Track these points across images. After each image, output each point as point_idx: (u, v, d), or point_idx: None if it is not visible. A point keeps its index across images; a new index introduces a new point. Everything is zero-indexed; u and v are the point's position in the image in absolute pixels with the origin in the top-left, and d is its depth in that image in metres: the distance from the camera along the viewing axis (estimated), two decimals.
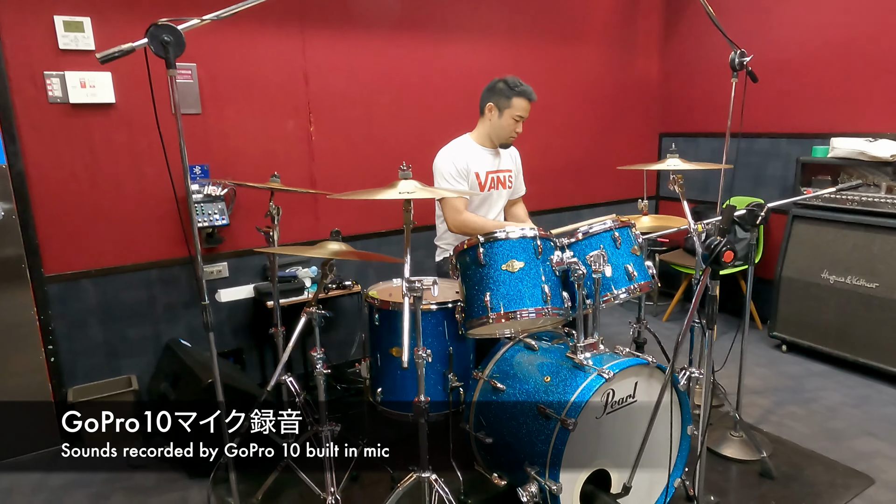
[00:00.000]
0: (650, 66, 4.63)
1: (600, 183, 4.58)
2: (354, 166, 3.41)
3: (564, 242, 2.16)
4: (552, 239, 2.10)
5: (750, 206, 2.44)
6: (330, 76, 3.27)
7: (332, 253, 1.99)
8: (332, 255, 1.98)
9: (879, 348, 3.25)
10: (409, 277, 1.77)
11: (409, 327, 1.70)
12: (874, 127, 3.49)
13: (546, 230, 2.15)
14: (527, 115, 2.74)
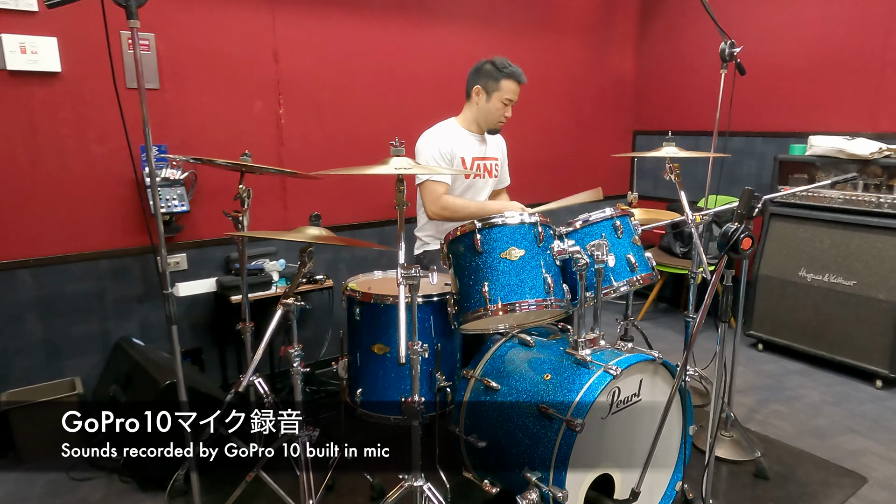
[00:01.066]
0: (625, 62, 4.58)
1: (576, 179, 4.49)
2: (327, 152, 3.20)
3: (563, 231, 2.03)
4: (552, 226, 1.96)
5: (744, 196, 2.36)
6: (301, 55, 3.05)
7: (313, 238, 1.79)
8: (313, 240, 1.78)
9: (856, 346, 3.25)
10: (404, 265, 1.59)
11: (405, 320, 1.52)
12: (849, 127, 3.52)
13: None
14: (516, 99, 2.60)
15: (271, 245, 3.09)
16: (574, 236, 2.03)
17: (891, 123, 3.38)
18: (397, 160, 1.65)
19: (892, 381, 3.16)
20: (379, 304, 2.09)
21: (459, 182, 2.70)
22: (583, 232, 2.03)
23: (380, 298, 2.08)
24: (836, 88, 3.57)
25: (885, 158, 3.16)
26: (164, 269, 1.65)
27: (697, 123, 4.31)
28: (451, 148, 2.61)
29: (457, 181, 2.69)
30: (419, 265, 2.80)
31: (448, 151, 2.60)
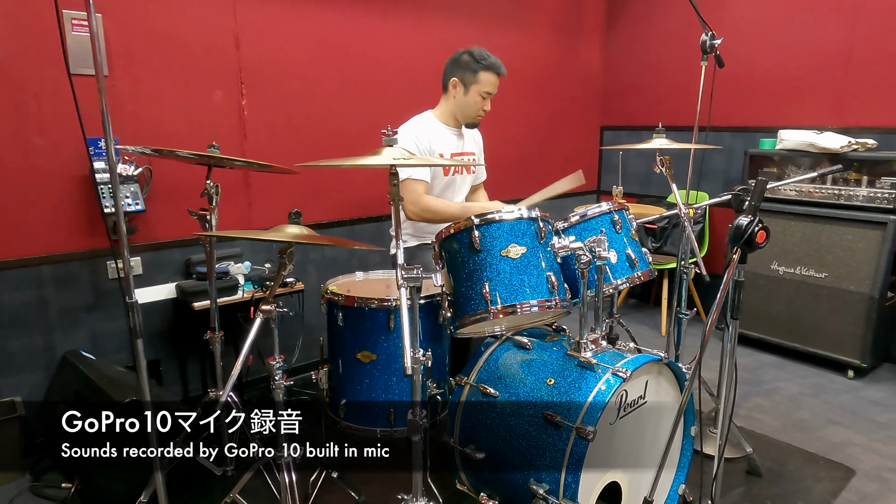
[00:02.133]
0: (593, 57, 4.54)
1: (545, 175, 4.39)
2: (294, 146, 3.00)
3: (560, 226, 1.92)
4: (551, 221, 1.85)
5: (736, 191, 2.33)
6: (265, 42, 2.84)
7: (296, 238, 1.61)
8: (296, 239, 1.60)
9: (828, 337, 3.30)
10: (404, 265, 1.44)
11: (408, 326, 1.37)
12: (817, 121, 3.56)
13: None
14: (495, 92, 2.49)
15: (235, 246, 2.87)
16: (571, 232, 1.92)
17: (856, 118, 3.44)
18: (391, 150, 1.49)
19: (862, 371, 3.22)
20: (363, 307, 1.93)
21: (438, 180, 2.56)
22: (580, 227, 1.93)
23: (364, 302, 1.92)
24: (803, 84, 3.62)
25: (854, 152, 3.21)
26: (128, 274, 1.44)
27: (665, 118, 4.28)
28: (430, 143, 2.48)
29: (436, 178, 2.55)
30: (395, 267, 2.71)
31: (426, 146, 2.46)
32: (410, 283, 1.41)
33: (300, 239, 1.60)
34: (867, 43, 3.35)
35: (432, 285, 1.72)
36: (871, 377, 3.24)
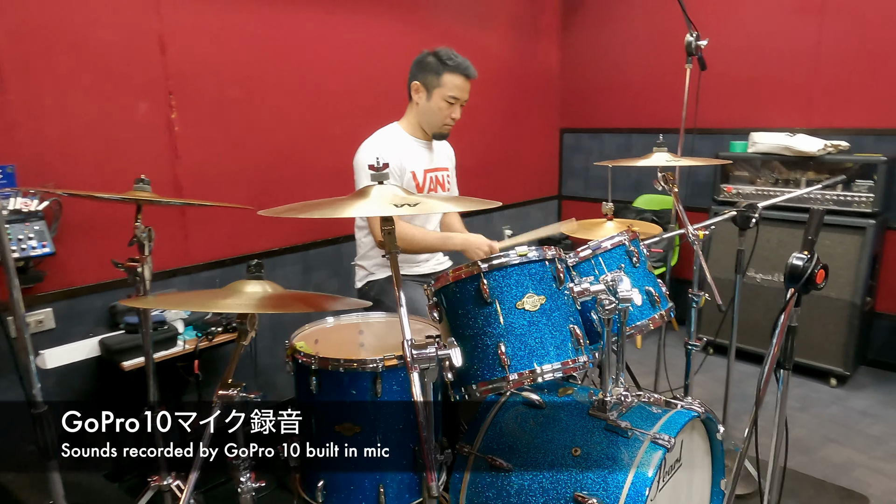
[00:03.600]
0: (550, 57, 4.32)
1: (508, 182, 4.18)
2: (237, 166, 2.59)
3: (569, 261, 1.65)
4: (566, 260, 1.57)
5: (740, 208, 2.14)
6: (196, 43, 2.42)
7: (261, 306, 1.26)
8: (261, 308, 1.25)
9: (809, 346, 3.22)
10: (412, 339, 1.11)
11: (424, 422, 1.06)
12: (786, 123, 3.48)
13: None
14: (465, 97, 2.19)
15: (170, 286, 2.44)
16: (584, 268, 1.65)
17: (825, 118, 3.38)
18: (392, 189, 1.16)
19: (845, 379, 3.15)
20: (343, 371, 1.59)
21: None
22: (594, 262, 1.66)
23: (345, 365, 1.58)
24: (772, 85, 3.52)
25: (829, 155, 3.13)
26: (21, 335, 1.07)
27: (627, 120, 4.15)
28: (400, 161, 2.16)
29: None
30: (362, 300, 2.38)
31: (397, 166, 2.14)
32: (422, 364, 1.09)
33: (267, 306, 1.25)
34: (835, 43, 3.28)
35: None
36: (852, 384, 3.19)
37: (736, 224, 2.15)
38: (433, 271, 2.36)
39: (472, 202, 1.29)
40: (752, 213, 2.10)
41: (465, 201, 2.29)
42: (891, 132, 3.17)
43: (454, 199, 2.04)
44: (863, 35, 3.19)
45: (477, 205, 1.29)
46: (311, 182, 2.85)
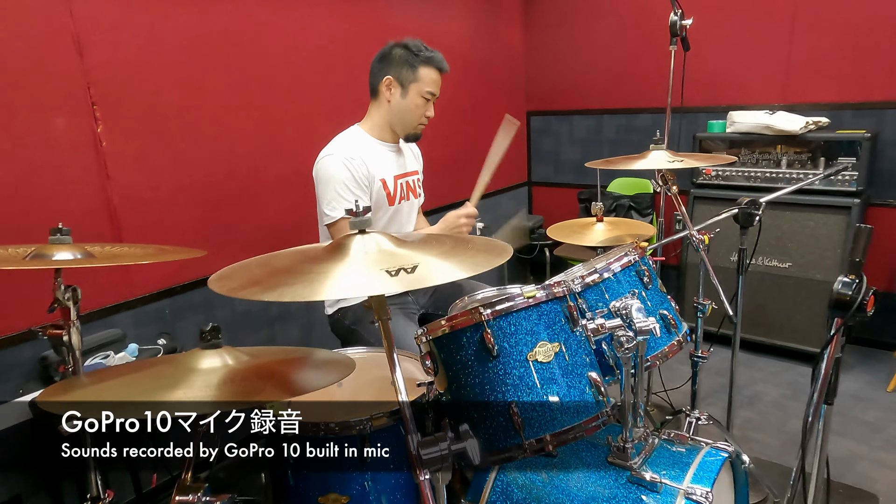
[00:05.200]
0: (513, 35, 4.07)
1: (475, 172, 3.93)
2: (180, 181, 2.28)
3: (576, 289, 1.45)
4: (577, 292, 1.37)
5: (743, 205, 1.97)
6: (121, 43, 2.08)
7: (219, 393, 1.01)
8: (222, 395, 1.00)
9: (795, 329, 3.15)
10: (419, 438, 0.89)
11: None
12: (762, 99, 3.35)
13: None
14: (438, 92, 1.99)
15: (112, 324, 2.14)
16: (592, 295, 1.46)
17: (802, 94, 3.26)
18: (378, 243, 0.93)
19: None
20: (327, 437, 1.36)
21: (382, 211, 2.01)
22: (603, 287, 1.47)
23: (331, 430, 1.35)
24: (747, 60, 3.38)
25: (810, 133, 3.02)
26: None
27: (598, 101, 3.96)
28: (367, 168, 1.91)
29: (378, 210, 2.00)
30: (333, 330, 2.14)
31: (364, 174, 1.90)
32: (434, 466, 0.87)
33: (231, 392, 1.00)
34: (811, 15, 3.15)
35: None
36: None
37: (737, 222, 1.99)
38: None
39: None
40: (756, 209, 1.94)
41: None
42: (869, 105, 3.08)
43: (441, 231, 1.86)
44: (839, 6, 3.07)
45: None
46: (266, 193, 2.57)
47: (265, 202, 2.57)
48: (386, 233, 1.01)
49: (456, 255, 0.93)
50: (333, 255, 0.94)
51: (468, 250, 0.97)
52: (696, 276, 3.32)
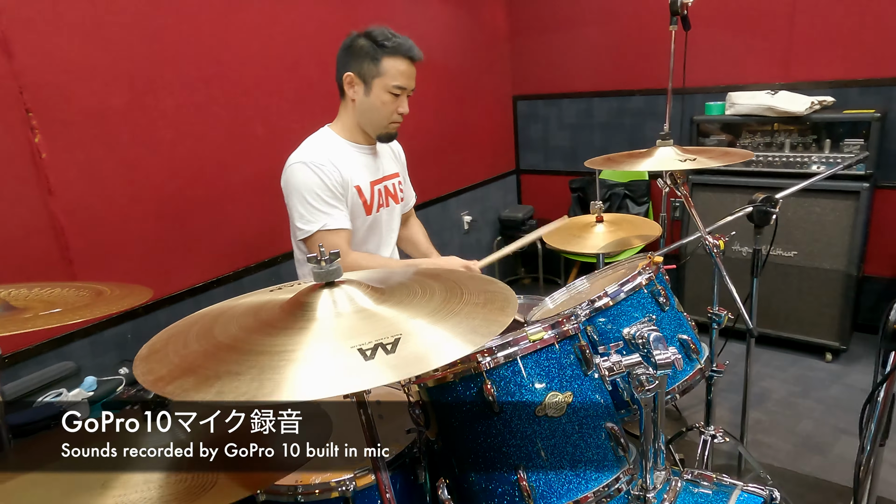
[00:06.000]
0: (496, 16, 3.83)
1: (462, 163, 3.74)
2: (134, 193, 2.05)
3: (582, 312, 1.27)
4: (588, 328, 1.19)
5: (757, 203, 1.80)
6: (57, 40, 1.83)
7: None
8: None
9: (801, 320, 3.01)
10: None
11: None
12: (762, 78, 3.17)
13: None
14: (411, 85, 1.74)
15: (66, 356, 1.93)
16: (603, 324, 1.27)
17: (804, 71, 3.08)
18: (352, 297, 0.73)
19: (839, 352, 2.98)
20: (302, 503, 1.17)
21: (360, 220, 1.81)
22: (615, 312, 1.29)
23: (304, 494, 1.16)
24: (746, 37, 3.18)
25: (816, 113, 2.84)
26: None
27: (588, 83, 3.75)
28: (340, 174, 1.71)
29: (355, 220, 1.80)
30: None
31: (337, 182, 1.70)
32: None
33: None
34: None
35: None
36: (847, 356, 3.01)
37: (752, 221, 1.81)
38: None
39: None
40: (772, 206, 1.76)
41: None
42: (877, 82, 2.91)
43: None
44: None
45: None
46: (232, 201, 2.35)
47: (232, 210, 2.36)
48: (361, 281, 0.81)
49: (449, 315, 0.74)
50: (294, 320, 0.74)
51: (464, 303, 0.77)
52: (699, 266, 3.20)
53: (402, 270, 0.96)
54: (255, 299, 0.88)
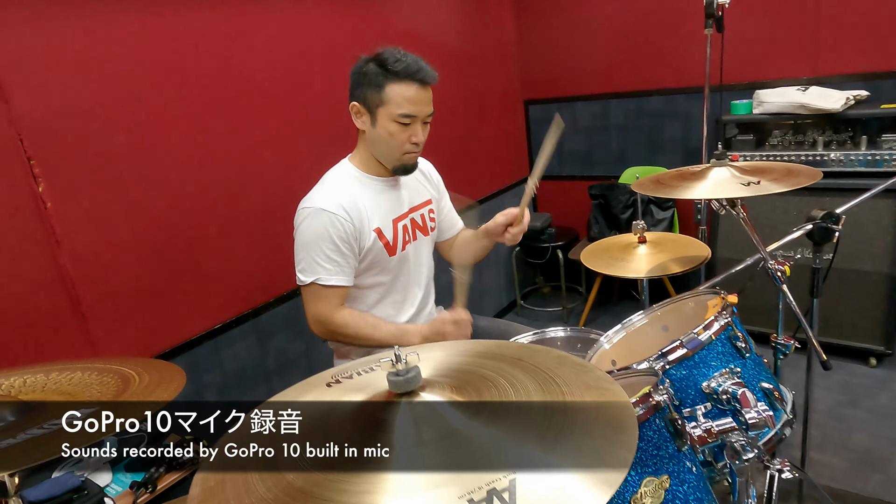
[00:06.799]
0: (503, 19, 3.69)
1: (477, 174, 3.61)
2: (143, 235, 1.93)
3: (652, 366, 1.15)
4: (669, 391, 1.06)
5: (817, 220, 1.68)
6: (54, 80, 1.70)
7: None
8: None
9: (841, 324, 2.89)
10: None
11: None
12: (787, 73, 3.04)
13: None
14: (426, 110, 1.58)
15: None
16: (681, 380, 1.15)
17: (834, 64, 2.94)
18: None
19: (883, 357, 2.86)
20: None
21: (381, 265, 1.69)
22: (694, 363, 1.17)
23: None
24: (770, 29, 3.04)
25: (850, 109, 2.71)
26: None
27: (603, 84, 3.62)
28: (353, 223, 1.59)
29: (378, 264, 1.68)
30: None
31: (348, 233, 1.58)
32: None
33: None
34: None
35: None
36: (892, 360, 2.89)
37: (812, 239, 1.69)
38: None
39: None
40: (835, 223, 1.64)
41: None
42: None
43: None
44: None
45: None
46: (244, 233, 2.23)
47: (245, 243, 2.23)
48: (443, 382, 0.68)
49: (561, 434, 0.61)
50: (372, 439, 0.61)
51: (569, 410, 0.65)
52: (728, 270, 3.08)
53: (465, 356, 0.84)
54: (315, 401, 0.75)
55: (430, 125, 1.62)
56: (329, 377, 0.84)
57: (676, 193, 1.54)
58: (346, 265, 1.58)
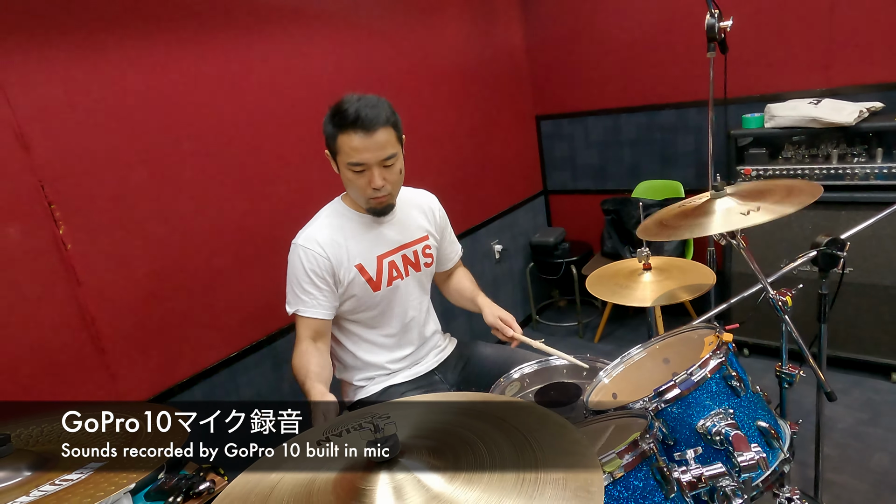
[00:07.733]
0: (512, 36, 3.72)
1: (491, 189, 3.64)
2: (162, 272, 2.00)
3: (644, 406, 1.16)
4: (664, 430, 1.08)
5: (822, 246, 1.66)
6: (73, 126, 1.79)
7: None
8: None
9: (861, 339, 2.84)
10: None
11: None
12: (799, 84, 3.01)
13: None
14: (378, 156, 1.54)
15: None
16: (674, 420, 1.16)
17: (847, 75, 2.91)
18: None
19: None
20: None
21: (366, 300, 1.74)
22: (688, 403, 1.18)
23: None
24: (781, 40, 3.02)
25: (865, 122, 2.67)
26: None
27: (614, 99, 3.62)
28: (331, 260, 1.64)
29: (363, 299, 1.73)
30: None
31: (322, 268, 1.64)
32: None
33: None
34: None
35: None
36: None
37: (817, 265, 1.68)
38: (429, 369, 1.88)
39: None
40: (840, 250, 1.63)
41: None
42: None
43: None
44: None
45: None
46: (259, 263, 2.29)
47: (260, 272, 2.29)
48: (421, 447, 0.71)
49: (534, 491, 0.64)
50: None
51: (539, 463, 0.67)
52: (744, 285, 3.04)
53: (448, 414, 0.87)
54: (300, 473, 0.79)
55: (397, 165, 1.58)
56: (321, 433, 0.88)
57: (683, 233, 1.54)
58: (322, 298, 1.64)
